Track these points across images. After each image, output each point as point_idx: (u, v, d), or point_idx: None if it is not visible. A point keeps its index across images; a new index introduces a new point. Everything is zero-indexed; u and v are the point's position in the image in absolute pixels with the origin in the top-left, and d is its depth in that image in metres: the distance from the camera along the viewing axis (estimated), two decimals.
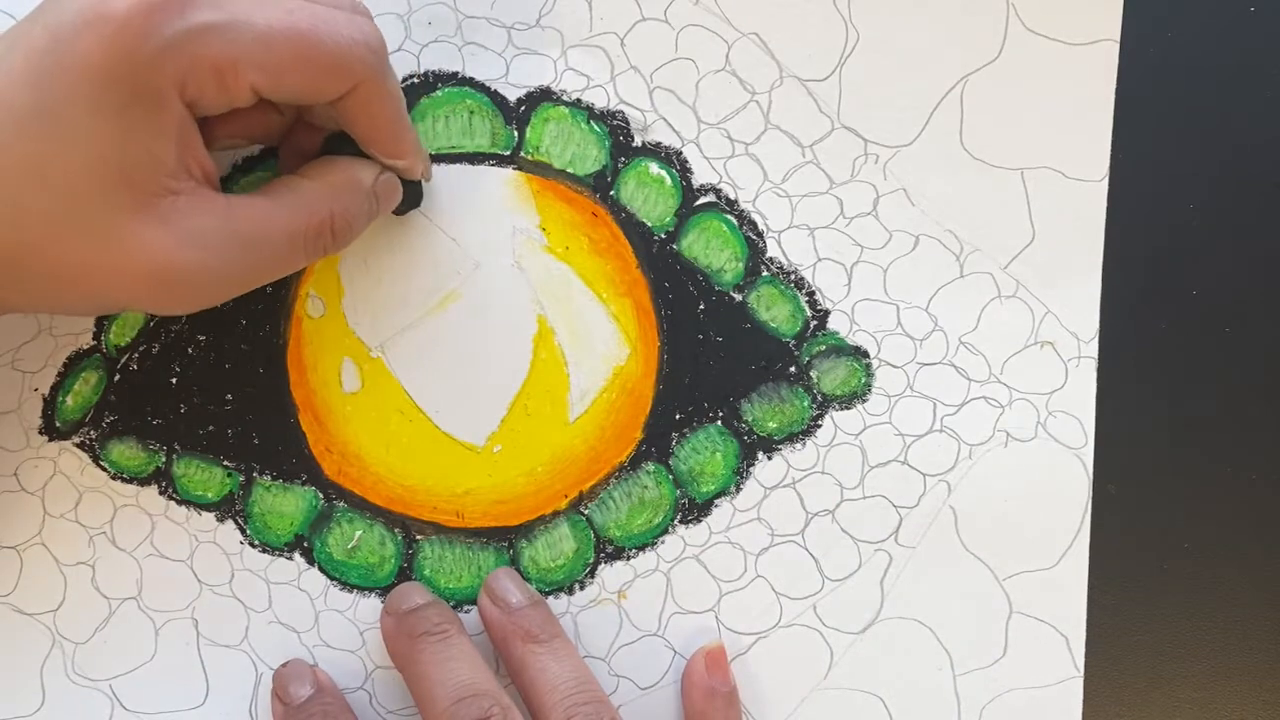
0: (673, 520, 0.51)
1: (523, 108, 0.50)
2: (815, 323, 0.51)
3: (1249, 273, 0.52)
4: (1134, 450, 0.51)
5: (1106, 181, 0.51)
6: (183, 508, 0.50)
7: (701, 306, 0.51)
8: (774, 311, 0.51)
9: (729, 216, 0.51)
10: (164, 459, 0.50)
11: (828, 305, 0.51)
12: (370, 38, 0.44)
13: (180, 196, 0.42)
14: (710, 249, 0.51)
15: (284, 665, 0.49)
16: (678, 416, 0.51)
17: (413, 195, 0.49)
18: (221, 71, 0.41)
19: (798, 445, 0.51)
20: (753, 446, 0.51)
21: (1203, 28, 0.52)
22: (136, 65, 0.39)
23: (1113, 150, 0.51)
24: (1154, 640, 0.52)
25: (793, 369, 0.51)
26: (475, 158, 0.50)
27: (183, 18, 0.40)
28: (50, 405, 0.50)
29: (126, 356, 0.50)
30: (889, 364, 0.51)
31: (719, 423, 0.51)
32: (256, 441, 0.50)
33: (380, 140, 0.46)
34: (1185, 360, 0.52)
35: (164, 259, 0.42)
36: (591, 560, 0.50)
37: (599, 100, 0.51)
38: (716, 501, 0.51)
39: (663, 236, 0.51)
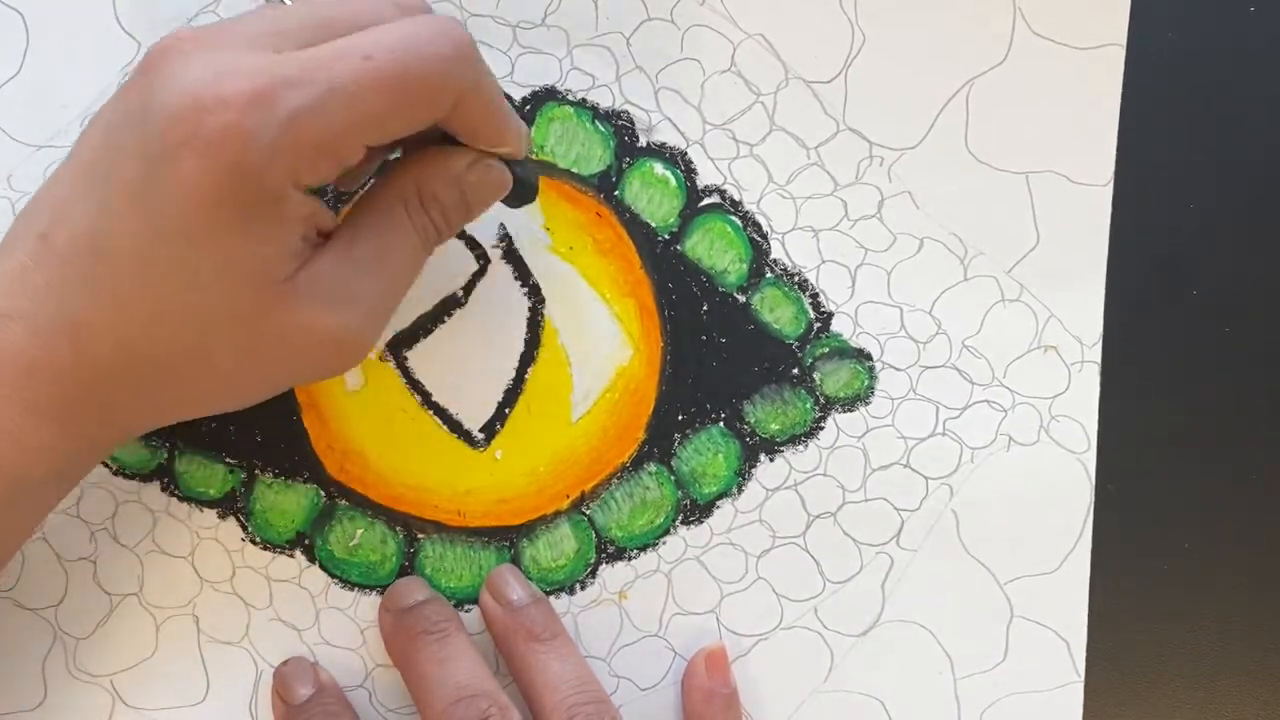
0: (674, 521, 0.51)
1: (527, 107, 0.50)
2: (819, 325, 0.51)
3: (1249, 274, 0.52)
4: (1135, 451, 0.51)
5: (1111, 186, 0.51)
6: (184, 504, 0.50)
7: (705, 307, 0.50)
8: (777, 313, 0.51)
9: (733, 218, 0.51)
10: (166, 455, 0.50)
11: (831, 307, 0.51)
12: (458, 45, 0.41)
13: (311, 263, 0.41)
14: (714, 250, 0.51)
15: (285, 663, 0.49)
16: (680, 417, 0.51)
17: (527, 187, 0.47)
18: (327, 148, 0.39)
19: (800, 447, 0.51)
20: (755, 448, 0.51)
21: (1203, 29, 0.52)
22: (246, 177, 0.38)
23: (1116, 153, 0.51)
24: (1154, 640, 0.52)
25: (795, 371, 0.51)
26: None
27: (275, 112, 0.38)
28: None
29: None
30: (892, 367, 0.51)
31: (721, 424, 0.51)
32: (259, 439, 0.50)
33: (480, 134, 0.44)
34: (1186, 362, 0.52)
35: (319, 331, 0.41)
36: (593, 560, 0.50)
37: (604, 100, 0.50)
38: (718, 503, 0.51)
39: (667, 237, 0.51)
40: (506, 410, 0.50)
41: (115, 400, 0.41)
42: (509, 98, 0.50)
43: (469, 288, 0.50)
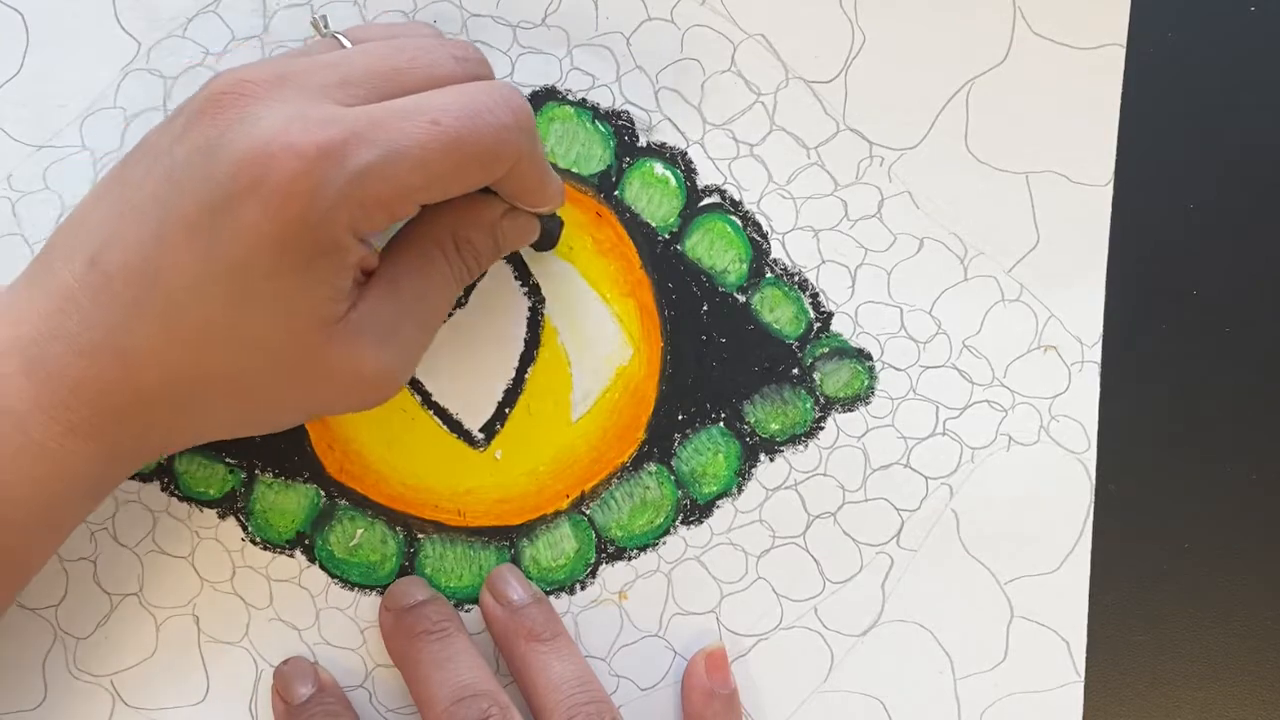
0: (674, 521, 0.51)
1: None
2: (819, 325, 0.51)
3: (1249, 274, 0.52)
4: (1135, 451, 0.51)
5: (1111, 186, 0.51)
6: (184, 504, 0.50)
7: (705, 307, 0.50)
8: (777, 313, 0.51)
9: (733, 218, 0.51)
10: (166, 455, 0.50)
11: (831, 307, 0.51)
12: (518, 115, 0.42)
13: (359, 304, 0.42)
14: (714, 250, 0.51)
15: (285, 663, 0.49)
16: (680, 417, 0.51)
17: (553, 236, 0.49)
18: (388, 205, 0.40)
19: (800, 447, 0.51)
20: (755, 448, 0.51)
21: (1203, 29, 0.52)
22: (309, 227, 0.39)
23: (1116, 153, 0.51)
24: (1154, 640, 0.52)
25: (796, 371, 0.51)
26: None
27: (343, 167, 0.38)
28: None
29: None
30: (892, 367, 0.51)
31: (721, 424, 0.51)
32: (258, 438, 0.50)
33: (523, 197, 0.46)
34: (1186, 361, 0.52)
35: (366, 370, 0.42)
36: (593, 560, 0.50)
37: (604, 100, 0.50)
38: (718, 503, 0.51)
39: (667, 237, 0.51)
40: (506, 410, 0.50)
41: (155, 422, 0.42)
42: None
43: (469, 288, 0.50)
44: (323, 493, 0.50)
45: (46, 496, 0.41)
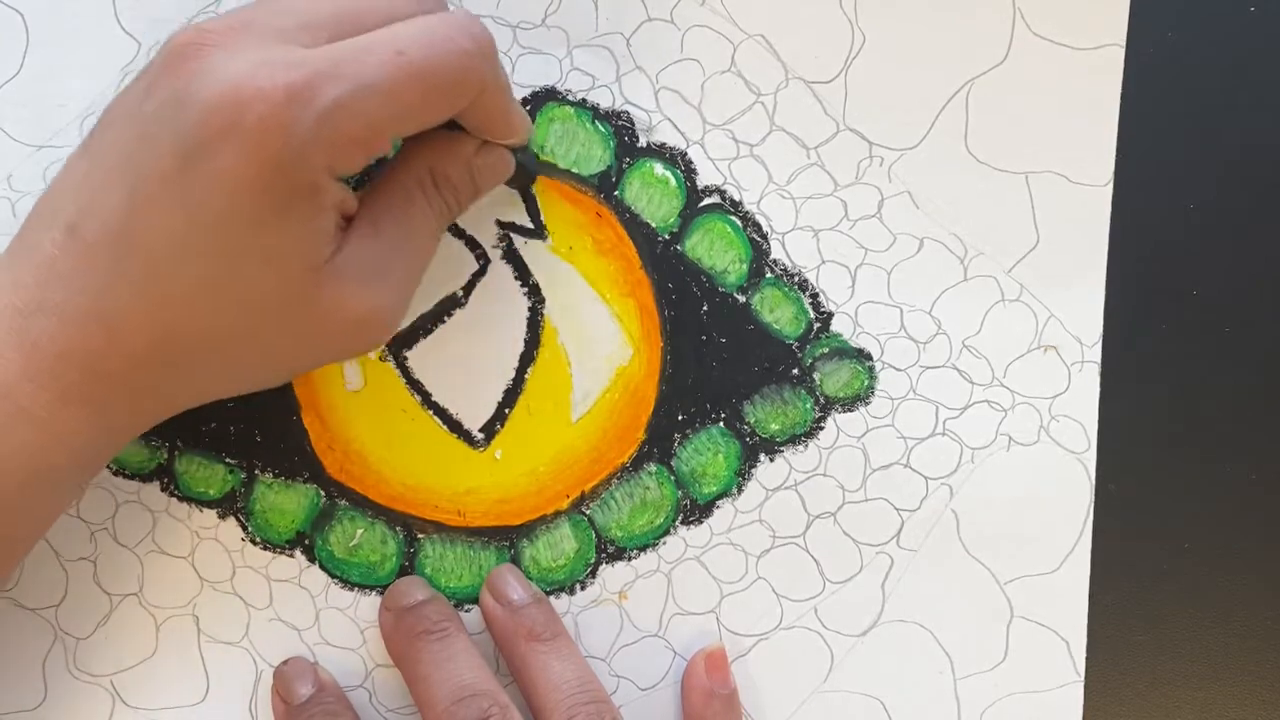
0: (674, 521, 0.51)
1: (528, 107, 0.50)
2: (819, 325, 0.51)
3: (1249, 274, 0.52)
4: (1134, 451, 0.51)
5: (1111, 186, 0.51)
6: (184, 504, 0.50)
7: (705, 308, 0.50)
8: (777, 313, 0.51)
9: (733, 218, 0.51)
10: (166, 455, 0.50)
11: (831, 307, 0.51)
12: (480, 41, 0.42)
13: (344, 246, 0.42)
14: (714, 250, 0.51)
15: (285, 663, 0.49)
16: (680, 417, 0.51)
17: (528, 170, 0.49)
18: (360, 141, 0.40)
19: (800, 447, 0.51)
20: (755, 448, 0.51)
21: (1203, 29, 0.52)
22: (284, 167, 0.39)
23: (1116, 153, 0.51)
24: (1154, 640, 0.52)
25: (795, 371, 0.51)
26: None
27: (313, 106, 0.39)
28: None
29: None
30: (892, 367, 0.51)
31: (721, 424, 0.51)
32: (258, 439, 0.50)
33: (491, 128, 0.46)
34: (1186, 361, 0.52)
35: (355, 313, 0.43)
36: (593, 560, 0.50)
37: (604, 100, 0.50)
38: (718, 503, 0.51)
39: (667, 237, 0.50)
40: (506, 410, 0.50)
41: (147, 385, 0.42)
42: None
43: (469, 288, 0.50)
44: (323, 493, 0.50)
45: (37, 466, 0.41)
